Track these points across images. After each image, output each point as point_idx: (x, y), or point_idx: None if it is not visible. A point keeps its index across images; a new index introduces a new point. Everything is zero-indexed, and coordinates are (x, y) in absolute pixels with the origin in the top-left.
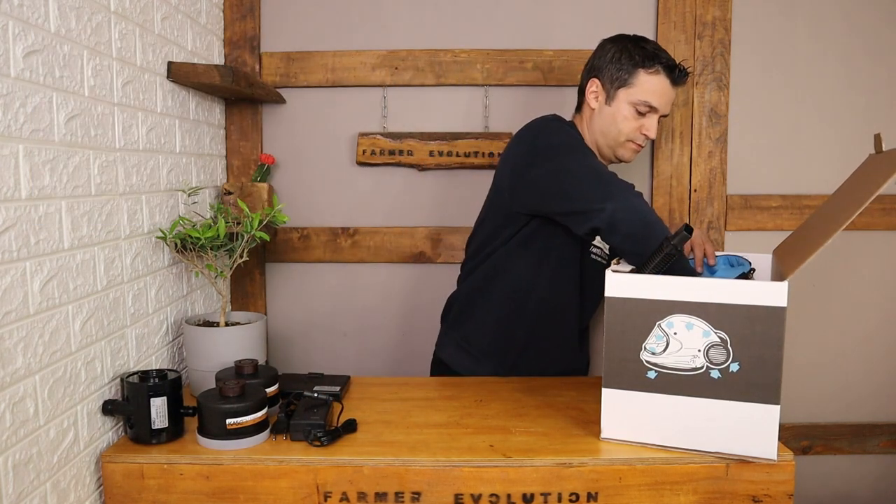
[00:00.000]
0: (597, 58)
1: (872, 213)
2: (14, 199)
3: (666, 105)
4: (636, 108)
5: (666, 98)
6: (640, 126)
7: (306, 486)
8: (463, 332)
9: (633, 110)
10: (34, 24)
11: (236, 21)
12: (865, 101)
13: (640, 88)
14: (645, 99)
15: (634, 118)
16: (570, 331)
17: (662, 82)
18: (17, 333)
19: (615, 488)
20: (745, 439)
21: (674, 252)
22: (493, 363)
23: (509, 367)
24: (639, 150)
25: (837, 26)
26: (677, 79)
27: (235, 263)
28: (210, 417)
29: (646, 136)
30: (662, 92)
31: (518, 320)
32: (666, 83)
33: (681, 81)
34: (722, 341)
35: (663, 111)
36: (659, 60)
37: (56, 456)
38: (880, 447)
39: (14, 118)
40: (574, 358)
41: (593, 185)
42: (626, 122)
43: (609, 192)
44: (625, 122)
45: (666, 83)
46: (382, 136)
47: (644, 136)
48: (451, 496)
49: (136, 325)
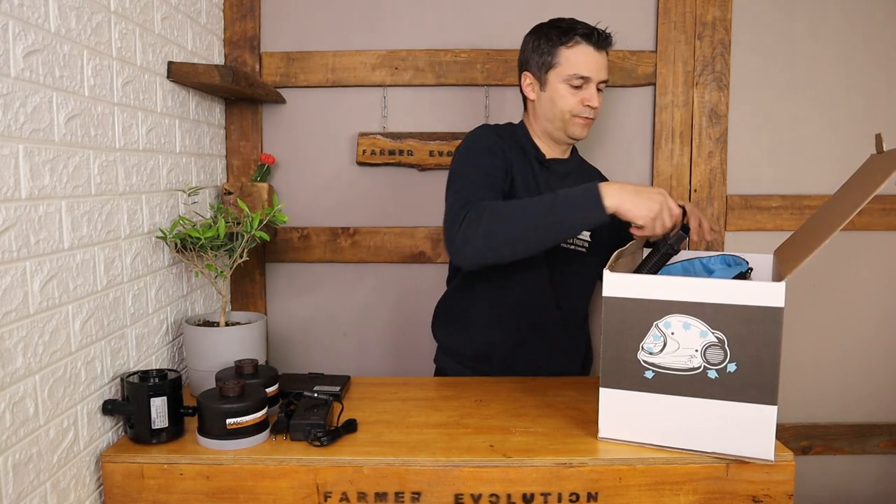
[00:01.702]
0: (521, 53)
1: (872, 213)
2: (14, 199)
3: (597, 71)
4: (570, 84)
5: (595, 65)
6: (580, 99)
7: (306, 486)
8: (450, 342)
9: (568, 87)
10: (34, 24)
11: (236, 21)
12: (866, 101)
13: (567, 64)
14: (574, 72)
15: (572, 94)
16: (553, 328)
17: (585, 51)
18: (17, 333)
19: (615, 488)
20: (742, 440)
21: (671, 252)
22: (484, 369)
23: (500, 371)
24: (588, 122)
25: (838, 26)
26: (599, 43)
27: (235, 263)
28: (210, 417)
29: (589, 106)
30: (589, 60)
31: (498, 324)
32: (589, 50)
33: (604, 45)
34: (719, 341)
35: (598, 78)
36: (576, 32)
37: (56, 456)
38: (880, 447)
39: (14, 118)
40: (566, 357)
41: (466, 185)
42: (565, 99)
43: (473, 193)
44: (563, 101)
45: (589, 50)
46: (382, 136)
47: (588, 107)
48: (451, 496)
49: (136, 324)
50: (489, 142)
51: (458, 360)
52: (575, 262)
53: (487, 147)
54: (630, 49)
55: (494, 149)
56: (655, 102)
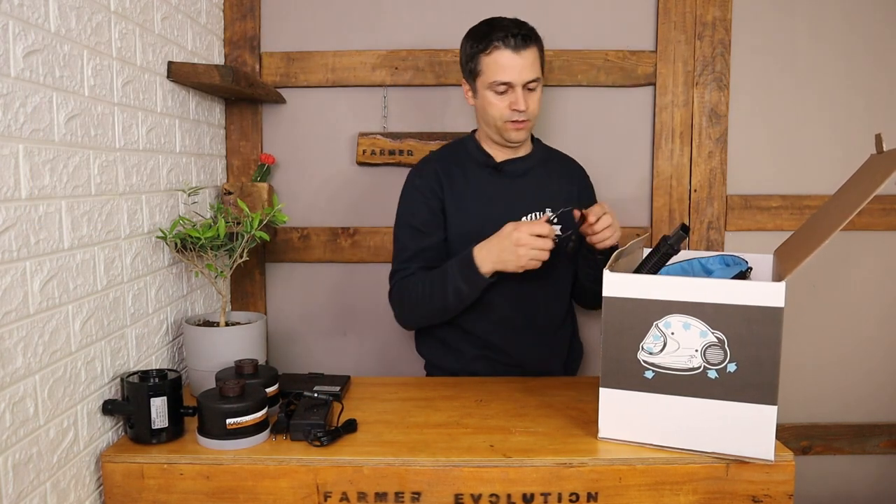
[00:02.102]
0: (459, 63)
1: (872, 213)
2: (14, 199)
3: (520, 73)
4: (495, 91)
5: (516, 69)
6: (508, 104)
7: (306, 486)
8: (434, 359)
9: (494, 93)
10: (34, 24)
11: (236, 21)
12: (866, 100)
13: (488, 71)
14: (495, 79)
15: (499, 100)
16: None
17: (503, 55)
18: (17, 333)
19: (615, 488)
20: (742, 440)
21: (671, 252)
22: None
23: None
24: (521, 126)
25: (838, 26)
26: (517, 45)
27: (235, 263)
28: (210, 417)
29: (517, 110)
30: (508, 65)
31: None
32: (507, 54)
33: (523, 45)
34: (719, 341)
35: (521, 80)
36: (491, 39)
37: (56, 456)
38: (880, 447)
39: (14, 118)
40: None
41: (397, 252)
42: (494, 106)
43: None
44: (492, 107)
45: (507, 54)
46: (382, 136)
47: (517, 111)
48: (451, 496)
49: (136, 324)
50: (418, 187)
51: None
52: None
53: (417, 195)
54: (630, 49)
55: (425, 192)
56: (655, 102)
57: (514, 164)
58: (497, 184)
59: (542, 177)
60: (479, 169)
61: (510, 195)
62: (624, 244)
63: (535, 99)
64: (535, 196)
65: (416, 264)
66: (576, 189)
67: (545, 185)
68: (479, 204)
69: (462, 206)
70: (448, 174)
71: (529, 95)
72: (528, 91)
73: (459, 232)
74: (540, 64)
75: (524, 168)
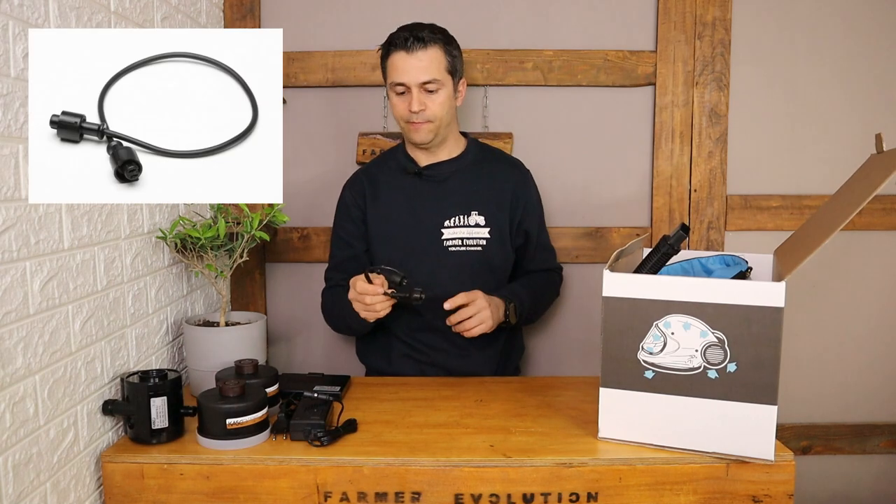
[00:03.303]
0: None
1: (872, 213)
2: (14, 199)
3: (413, 75)
4: (395, 92)
5: (408, 71)
6: (406, 106)
7: (306, 486)
8: (360, 356)
9: (394, 94)
10: (34, 24)
11: (236, 21)
12: (866, 101)
13: (388, 74)
14: (391, 80)
15: (399, 102)
16: (452, 334)
17: (398, 57)
18: (17, 333)
19: (615, 488)
20: (742, 439)
21: (671, 252)
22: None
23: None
24: (418, 126)
25: (837, 26)
26: (411, 46)
27: (235, 263)
28: (210, 417)
29: (411, 111)
30: (400, 67)
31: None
32: (401, 56)
33: (417, 46)
34: (719, 341)
35: (414, 82)
36: (389, 42)
37: (56, 456)
38: (880, 447)
39: (14, 118)
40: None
41: (330, 261)
42: (395, 108)
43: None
44: (394, 108)
45: (401, 56)
46: (382, 136)
47: (413, 112)
48: (451, 496)
49: (136, 325)
50: (345, 199)
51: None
52: (475, 263)
53: (343, 207)
54: (630, 49)
55: (349, 204)
56: (655, 102)
57: (438, 167)
58: (420, 188)
59: (470, 179)
60: (403, 176)
61: (434, 199)
62: (624, 244)
63: (435, 101)
64: (462, 199)
65: (339, 275)
66: (509, 190)
67: (473, 188)
68: (402, 210)
69: (385, 214)
70: (373, 183)
71: (428, 97)
72: (426, 93)
73: (384, 238)
74: (445, 66)
75: (449, 171)
